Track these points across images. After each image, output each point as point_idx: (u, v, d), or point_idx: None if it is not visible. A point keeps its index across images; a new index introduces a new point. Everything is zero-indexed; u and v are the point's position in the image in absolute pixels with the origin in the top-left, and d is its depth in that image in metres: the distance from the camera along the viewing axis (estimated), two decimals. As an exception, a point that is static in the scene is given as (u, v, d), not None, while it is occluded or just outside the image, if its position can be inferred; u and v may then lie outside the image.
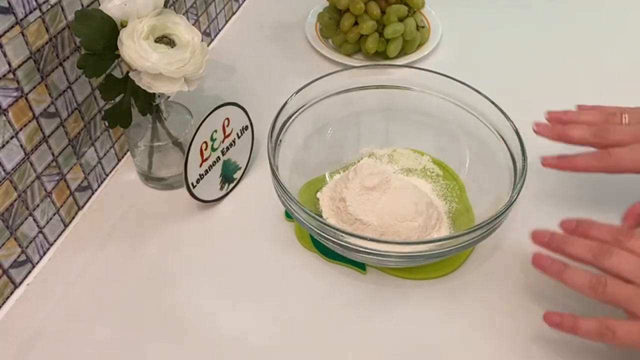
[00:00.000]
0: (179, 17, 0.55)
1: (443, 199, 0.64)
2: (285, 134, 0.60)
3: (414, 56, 0.81)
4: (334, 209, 0.60)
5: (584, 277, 0.48)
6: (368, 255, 0.52)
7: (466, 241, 0.52)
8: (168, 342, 0.54)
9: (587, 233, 0.50)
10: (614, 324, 0.46)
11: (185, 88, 0.55)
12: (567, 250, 0.49)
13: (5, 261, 0.55)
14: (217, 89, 0.78)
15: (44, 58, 0.53)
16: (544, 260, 0.50)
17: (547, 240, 0.51)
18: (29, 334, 0.54)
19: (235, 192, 0.66)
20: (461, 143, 0.65)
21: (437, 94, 0.64)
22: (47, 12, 0.52)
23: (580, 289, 0.48)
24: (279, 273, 0.59)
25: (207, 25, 0.84)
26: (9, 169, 0.52)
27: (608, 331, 0.45)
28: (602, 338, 0.46)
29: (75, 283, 0.58)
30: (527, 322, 0.55)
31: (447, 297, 0.57)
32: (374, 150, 0.68)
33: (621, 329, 0.45)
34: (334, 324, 0.55)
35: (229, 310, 0.56)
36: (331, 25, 0.82)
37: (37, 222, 0.58)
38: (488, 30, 0.88)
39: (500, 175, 0.58)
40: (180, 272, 0.59)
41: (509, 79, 0.79)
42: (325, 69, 0.69)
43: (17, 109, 0.52)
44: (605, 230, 0.50)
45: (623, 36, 0.87)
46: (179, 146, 0.64)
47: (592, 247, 0.48)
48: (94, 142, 0.63)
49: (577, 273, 0.48)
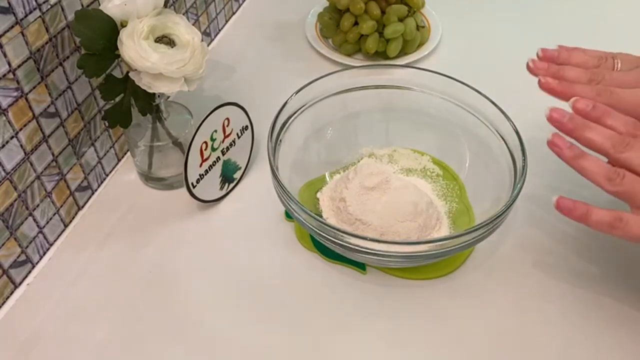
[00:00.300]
0: (179, 17, 0.55)
1: (443, 199, 0.64)
2: (285, 134, 0.60)
3: (414, 56, 0.81)
4: (334, 209, 0.60)
5: (601, 167, 0.46)
6: (368, 255, 0.52)
7: (466, 241, 0.52)
8: (168, 342, 0.54)
9: (603, 121, 0.47)
10: (627, 216, 0.45)
11: (185, 88, 0.55)
12: (585, 135, 0.47)
13: (5, 261, 0.55)
14: (217, 89, 0.78)
15: (44, 58, 0.53)
16: (561, 141, 0.47)
17: (567, 120, 0.47)
18: (29, 334, 0.54)
19: (235, 192, 0.66)
20: (461, 143, 0.65)
21: (437, 94, 0.64)
22: (47, 12, 0.52)
23: (595, 178, 0.46)
24: (279, 273, 0.59)
25: (207, 25, 0.84)
26: (9, 169, 0.52)
27: (620, 222, 0.45)
28: (612, 229, 0.45)
29: (75, 283, 0.58)
30: (527, 322, 0.55)
31: (447, 297, 0.57)
32: (374, 150, 0.68)
33: (634, 221, 0.45)
34: (334, 324, 0.55)
35: (229, 310, 0.56)
36: (331, 25, 0.82)
37: (37, 222, 0.58)
38: (488, 30, 0.88)
39: (500, 175, 0.58)
40: (180, 272, 0.59)
41: (509, 79, 0.79)
42: (325, 69, 0.69)
43: (17, 109, 0.52)
44: (622, 121, 0.47)
45: (624, 36, 0.87)
46: (179, 146, 0.64)
47: (612, 136, 0.46)
48: (94, 142, 0.63)
49: (594, 160, 0.46)
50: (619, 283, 0.57)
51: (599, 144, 0.46)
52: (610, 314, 0.55)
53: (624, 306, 0.55)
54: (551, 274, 0.58)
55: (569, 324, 0.54)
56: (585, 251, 0.60)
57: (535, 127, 0.60)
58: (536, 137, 0.59)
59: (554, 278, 0.58)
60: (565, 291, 0.57)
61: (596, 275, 0.58)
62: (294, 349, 0.53)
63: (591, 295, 0.56)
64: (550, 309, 0.56)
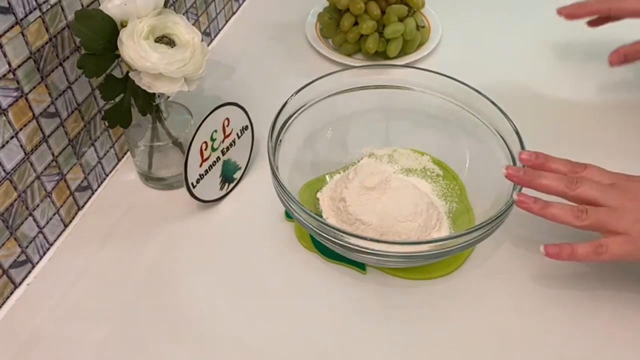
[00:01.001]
0: (179, 17, 0.55)
1: (443, 199, 0.64)
2: (285, 134, 0.60)
3: (414, 56, 0.81)
4: (334, 209, 0.60)
5: (567, 209, 0.51)
6: (368, 255, 0.52)
7: (466, 241, 0.52)
8: (168, 342, 0.54)
9: (547, 166, 0.54)
10: (605, 241, 0.50)
11: (185, 88, 0.55)
12: (540, 182, 0.53)
13: (5, 261, 0.55)
14: (217, 89, 0.78)
15: (44, 58, 0.53)
16: (527, 199, 0.52)
17: (522, 174, 0.53)
18: (29, 334, 0.54)
19: (235, 192, 0.66)
20: (461, 143, 0.65)
21: (437, 94, 0.64)
22: (47, 12, 0.52)
23: (565, 220, 0.51)
24: (279, 273, 0.59)
25: (207, 25, 0.84)
26: (9, 169, 0.52)
27: (601, 248, 0.50)
28: (598, 256, 0.50)
29: (75, 283, 0.58)
30: (527, 322, 0.55)
31: (447, 297, 0.57)
32: (374, 150, 0.68)
33: (611, 243, 0.50)
34: (334, 324, 0.55)
35: (229, 310, 0.56)
36: (331, 25, 0.82)
37: (37, 222, 0.58)
38: (488, 30, 0.88)
39: (500, 175, 0.58)
40: (180, 272, 0.59)
41: (509, 79, 0.79)
42: (325, 69, 0.69)
43: (17, 109, 0.52)
44: (562, 163, 0.54)
45: (623, 35, 0.87)
46: (179, 146, 0.64)
47: (562, 178, 0.53)
48: (94, 142, 0.63)
49: (559, 206, 0.52)
50: (619, 283, 0.57)
51: (555, 187, 0.52)
52: (610, 313, 0.55)
53: (624, 306, 0.55)
54: (551, 274, 0.58)
55: (568, 323, 0.54)
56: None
57: (535, 127, 0.60)
58: (536, 137, 0.59)
59: (553, 278, 0.58)
60: (565, 291, 0.57)
61: (596, 275, 0.58)
62: (294, 348, 0.53)
63: (591, 295, 0.56)
64: (550, 309, 0.56)
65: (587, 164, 0.54)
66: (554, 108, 0.75)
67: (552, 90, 0.78)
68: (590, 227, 0.51)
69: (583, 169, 0.54)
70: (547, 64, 0.82)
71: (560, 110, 0.75)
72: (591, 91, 0.78)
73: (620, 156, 0.62)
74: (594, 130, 0.72)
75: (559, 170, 0.54)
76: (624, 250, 0.50)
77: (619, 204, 0.51)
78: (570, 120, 0.74)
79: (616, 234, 0.50)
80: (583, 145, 0.61)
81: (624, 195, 0.51)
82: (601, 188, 0.52)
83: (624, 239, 0.50)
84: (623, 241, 0.50)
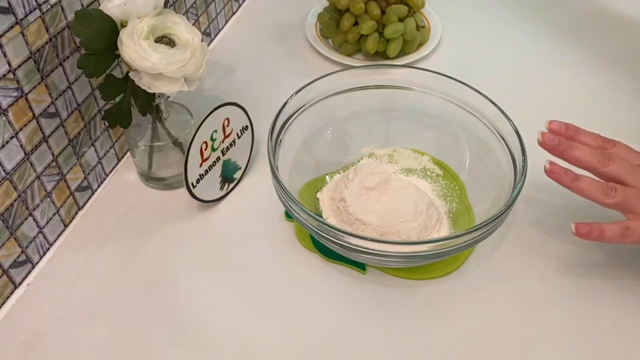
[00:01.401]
0: (179, 17, 0.55)
1: (443, 199, 0.64)
2: (285, 134, 0.60)
3: (414, 56, 0.81)
4: (334, 209, 0.60)
5: (596, 184, 0.51)
6: (368, 255, 0.52)
7: (466, 241, 0.52)
8: (168, 342, 0.54)
9: (577, 138, 0.53)
10: (632, 223, 0.50)
11: (185, 88, 0.55)
12: (573, 154, 0.52)
13: (5, 261, 0.55)
14: (217, 89, 0.78)
15: (44, 58, 0.53)
16: (559, 169, 0.52)
17: (556, 143, 0.52)
18: (29, 334, 0.54)
19: (235, 192, 0.66)
20: (461, 143, 0.65)
21: (437, 94, 0.64)
22: (47, 12, 0.52)
23: (593, 195, 0.51)
24: (279, 273, 0.59)
25: (207, 25, 0.84)
26: (9, 169, 0.52)
27: (628, 231, 0.50)
28: (624, 238, 0.50)
29: (75, 283, 0.58)
30: (527, 322, 0.55)
31: (447, 297, 0.57)
32: (374, 150, 0.68)
33: (638, 226, 0.50)
34: (334, 324, 0.55)
35: (229, 310, 0.56)
36: (331, 25, 0.82)
37: (37, 222, 0.58)
38: (488, 30, 0.88)
39: (500, 175, 0.58)
40: (180, 272, 0.59)
41: (509, 79, 0.79)
42: (325, 69, 0.70)
43: (17, 109, 0.52)
44: (592, 137, 0.54)
45: (623, 35, 0.87)
46: (179, 146, 0.64)
47: (595, 152, 0.52)
48: (94, 142, 0.63)
49: (588, 180, 0.51)
50: (619, 283, 0.57)
51: (587, 161, 0.52)
52: (611, 313, 0.55)
53: (624, 306, 0.55)
54: (551, 274, 0.58)
55: (569, 323, 0.54)
56: (585, 251, 0.59)
57: (535, 127, 0.60)
58: (536, 137, 0.59)
59: (553, 278, 0.58)
60: (565, 291, 0.57)
61: (596, 275, 0.58)
62: (294, 348, 0.53)
63: (591, 295, 0.56)
64: (550, 309, 0.56)
65: (616, 141, 0.53)
66: (554, 108, 0.75)
67: (552, 90, 0.78)
68: (616, 205, 0.50)
69: (612, 146, 0.53)
70: (547, 63, 0.82)
71: (560, 110, 0.74)
72: (591, 91, 0.78)
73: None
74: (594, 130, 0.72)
75: (588, 143, 0.53)
76: None
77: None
78: (570, 120, 0.74)
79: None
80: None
81: None
82: (631, 168, 0.51)
83: None
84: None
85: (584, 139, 0.53)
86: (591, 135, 0.54)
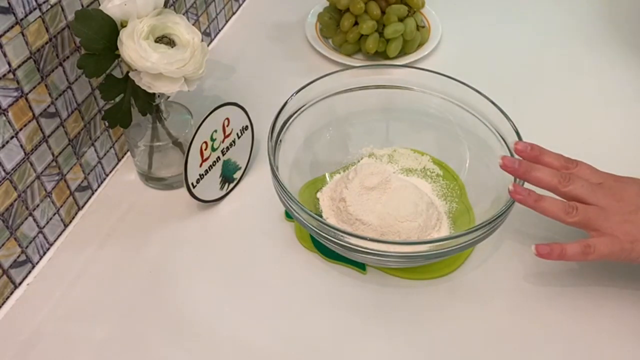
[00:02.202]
0: (179, 17, 0.55)
1: (443, 199, 0.64)
2: (285, 134, 0.60)
3: (414, 56, 0.81)
4: (334, 209, 0.60)
5: (558, 204, 0.52)
6: (368, 255, 0.52)
7: (466, 241, 0.52)
8: (168, 342, 0.54)
9: (541, 159, 0.55)
10: (592, 241, 0.51)
11: (185, 88, 0.55)
12: (534, 174, 0.53)
13: (5, 261, 0.55)
14: (217, 89, 0.78)
15: (44, 58, 0.53)
16: (522, 190, 0.52)
17: (516, 165, 0.53)
18: (29, 334, 0.54)
19: (235, 192, 0.66)
20: (461, 143, 0.65)
21: (437, 94, 0.64)
22: (47, 12, 0.52)
23: (555, 214, 0.52)
24: (279, 273, 0.59)
25: (207, 25, 0.84)
26: (9, 169, 0.52)
27: (589, 248, 0.51)
28: (585, 256, 0.51)
29: (75, 283, 0.58)
30: (527, 322, 0.55)
31: (447, 297, 0.57)
32: (374, 150, 0.68)
33: (598, 243, 0.51)
34: (334, 324, 0.55)
35: (229, 310, 0.56)
36: (331, 25, 0.82)
37: (37, 222, 0.58)
38: (488, 30, 0.88)
39: (500, 175, 0.58)
40: (180, 272, 0.59)
41: (509, 79, 0.79)
42: (325, 69, 0.70)
43: (17, 109, 0.52)
44: (555, 157, 0.55)
45: (624, 34, 0.87)
46: (179, 146, 0.64)
47: (555, 173, 0.53)
48: (94, 142, 0.63)
49: (551, 201, 0.52)
50: (619, 283, 0.57)
51: (548, 182, 0.53)
52: (611, 313, 0.55)
53: (624, 306, 0.55)
54: (550, 274, 0.58)
55: (568, 323, 0.54)
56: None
57: (535, 127, 0.60)
58: (536, 137, 0.59)
59: (553, 278, 0.58)
60: (565, 291, 0.57)
61: (596, 275, 0.58)
62: (294, 348, 0.53)
63: (591, 295, 0.56)
64: (550, 309, 0.56)
65: (578, 161, 0.55)
66: (554, 108, 0.75)
67: (552, 90, 0.78)
68: (578, 224, 0.52)
69: (575, 166, 0.55)
70: (547, 63, 0.82)
71: (560, 110, 0.75)
72: (591, 91, 0.78)
73: (619, 156, 0.62)
74: (594, 130, 0.72)
75: (551, 164, 0.55)
76: (609, 250, 0.51)
77: (607, 204, 0.52)
78: (570, 120, 0.74)
79: (602, 234, 0.51)
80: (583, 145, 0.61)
81: (612, 195, 0.52)
82: (591, 187, 0.53)
83: (610, 240, 0.51)
84: (609, 242, 0.51)
85: (547, 160, 0.55)
86: (554, 156, 0.55)
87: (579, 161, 0.55)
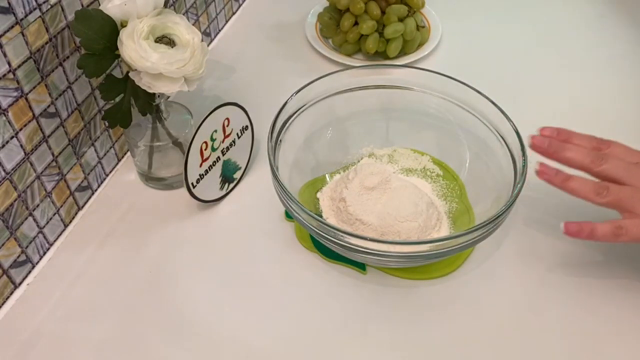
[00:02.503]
0: (179, 17, 0.55)
1: (443, 199, 0.64)
2: (285, 134, 0.60)
3: (414, 56, 0.81)
4: (334, 209, 0.60)
5: (588, 184, 0.50)
6: (368, 255, 0.52)
7: (466, 241, 0.52)
8: (168, 342, 0.54)
9: (570, 141, 0.53)
10: (624, 222, 0.49)
11: (185, 88, 0.55)
12: (565, 155, 0.51)
13: (5, 261, 0.55)
14: (217, 89, 0.78)
15: (44, 58, 0.53)
16: (549, 170, 0.51)
17: (547, 145, 0.52)
18: (29, 334, 0.54)
19: (235, 192, 0.66)
20: (461, 143, 0.65)
21: (437, 94, 0.64)
22: (47, 12, 0.52)
23: (585, 195, 0.50)
24: (279, 273, 0.59)
25: (207, 25, 0.84)
26: (9, 169, 0.52)
27: (620, 230, 0.49)
28: (616, 237, 0.49)
29: (75, 283, 0.58)
30: (526, 322, 0.55)
31: (447, 297, 0.57)
32: (374, 150, 0.68)
33: (631, 225, 0.49)
34: (334, 324, 0.55)
35: (229, 310, 0.56)
36: (331, 25, 0.82)
37: (37, 222, 0.58)
38: (488, 30, 0.88)
39: (500, 175, 0.59)
40: (180, 272, 0.59)
41: (509, 79, 0.79)
42: (325, 69, 0.70)
43: (17, 109, 0.52)
44: (586, 138, 0.53)
45: (625, 34, 0.87)
46: (179, 146, 0.64)
47: (588, 152, 0.51)
48: (94, 142, 0.63)
49: (580, 181, 0.50)
50: (619, 283, 0.57)
51: (579, 161, 0.51)
52: (611, 314, 0.55)
53: (624, 305, 0.55)
54: (551, 274, 0.58)
55: (569, 323, 0.54)
56: (585, 251, 0.59)
57: (535, 127, 0.60)
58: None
59: (553, 278, 0.58)
60: (565, 291, 0.57)
61: (596, 275, 0.58)
62: (294, 348, 0.53)
63: (591, 295, 0.56)
64: (550, 309, 0.56)
65: (611, 141, 0.53)
66: (554, 108, 0.75)
67: (552, 90, 0.78)
68: (609, 204, 0.50)
69: (607, 147, 0.52)
70: (547, 63, 0.82)
71: (560, 110, 0.75)
72: (592, 91, 0.78)
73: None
74: (594, 130, 0.72)
75: (582, 145, 0.52)
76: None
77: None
78: (570, 120, 0.74)
79: (636, 215, 0.49)
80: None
81: None
82: (627, 167, 0.50)
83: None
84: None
85: (578, 142, 0.53)
86: (585, 137, 0.53)
87: (612, 141, 0.53)
